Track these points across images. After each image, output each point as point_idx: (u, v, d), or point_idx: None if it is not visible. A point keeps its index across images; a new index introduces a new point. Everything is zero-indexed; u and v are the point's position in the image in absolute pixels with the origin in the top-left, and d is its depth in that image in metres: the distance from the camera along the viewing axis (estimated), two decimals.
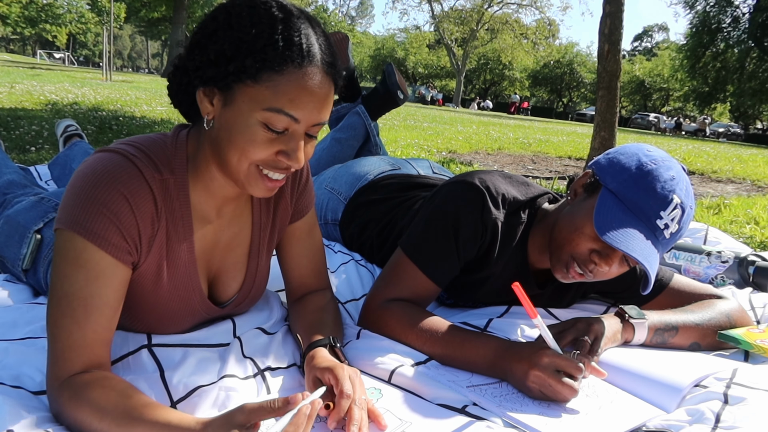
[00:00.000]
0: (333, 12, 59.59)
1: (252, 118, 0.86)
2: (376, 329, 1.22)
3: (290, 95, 0.85)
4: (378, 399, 1.00)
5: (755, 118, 39.20)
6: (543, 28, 38.76)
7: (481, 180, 1.27)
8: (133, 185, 0.89)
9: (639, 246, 1.07)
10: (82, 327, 0.86)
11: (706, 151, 10.26)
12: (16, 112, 5.18)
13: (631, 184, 1.11)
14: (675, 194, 1.09)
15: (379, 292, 1.27)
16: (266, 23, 0.84)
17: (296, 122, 0.87)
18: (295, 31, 0.85)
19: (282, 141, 0.89)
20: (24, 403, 0.88)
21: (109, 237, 0.87)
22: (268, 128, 0.86)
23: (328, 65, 0.89)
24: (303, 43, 0.85)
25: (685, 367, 1.12)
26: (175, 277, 1.00)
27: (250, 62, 0.83)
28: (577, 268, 1.17)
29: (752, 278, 1.76)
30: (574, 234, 1.15)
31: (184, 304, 1.04)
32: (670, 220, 1.09)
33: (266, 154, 0.89)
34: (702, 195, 4.39)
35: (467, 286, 1.38)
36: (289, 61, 0.84)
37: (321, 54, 0.87)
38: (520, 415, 0.96)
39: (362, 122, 2.38)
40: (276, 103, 0.85)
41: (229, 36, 0.84)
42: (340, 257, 1.68)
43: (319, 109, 0.89)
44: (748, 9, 27.97)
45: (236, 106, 0.87)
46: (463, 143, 7.07)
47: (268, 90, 0.84)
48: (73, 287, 0.86)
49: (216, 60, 0.85)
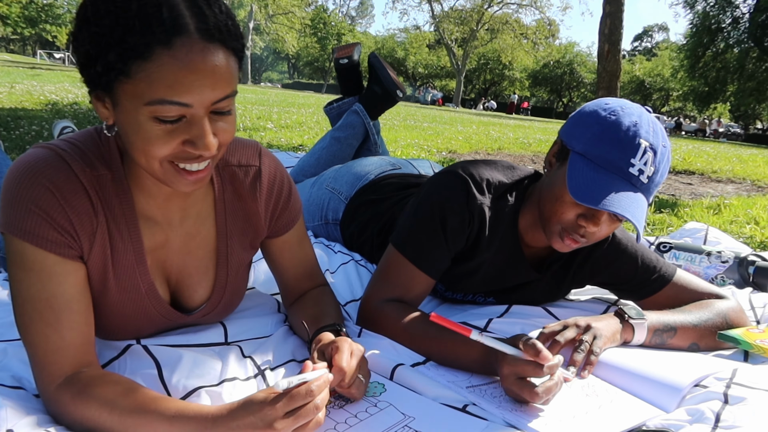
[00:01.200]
0: (333, 12, 59.61)
1: (140, 116, 0.77)
2: (374, 330, 1.22)
3: (167, 81, 0.74)
4: (381, 393, 1.01)
5: (755, 118, 39.20)
6: (543, 28, 38.77)
7: (463, 168, 1.28)
8: (59, 178, 0.84)
9: (617, 199, 1.07)
10: (57, 329, 0.85)
11: (706, 151, 10.26)
12: (16, 112, 5.18)
13: (595, 141, 1.11)
14: (641, 138, 1.09)
15: (374, 292, 1.27)
16: (120, 7, 0.72)
17: (188, 107, 0.77)
18: (152, 6, 0.73)
19: (182, 129, 0.79)
20: (24, 404, 0.88)
21: (43, 234, 0.83)
22: (160, 121, 0.77)
23: (208, 30, 0.76)
24: (164, 15, 0.73)
25: (685, 367, 1.12)
26: (123, 279, 0.95)
27: (114, 57, 0.73)
28: (570, 235, 1.17)
29: (752, 278, 1.76)
30: (556, 204, 1.16)
31: (138, 308, 0.99)
32: (643, 164, 1.10)
33: (170, 148, 0.79)
34: (702, 195, 4.39)
35: (462, 275, 1.38)
36: (154, 43, 0.73)
37: (194, 19, 0.75)
38: (519, 415, 0.96)
39: (361, 121, 2.38)
40: (155, 93, 0.74)
41: (88, 32, 0.75)
42: (339, 257, 1.68)
43: (211, 85, 0.77)
44: (748, 9, 27.98)
45: (122, 106, 0.78)
46: (463, 143, 7.06)
47: (143, 82, 0.74)
48: (30, 291, 0.84)
49: (85, 62, 0.77)
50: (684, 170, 6.03)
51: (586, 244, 1.20)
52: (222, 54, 0.77)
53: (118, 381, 0.85)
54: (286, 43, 38.45)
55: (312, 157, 2.35)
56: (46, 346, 0.85)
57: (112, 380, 0.85)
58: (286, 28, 38.98)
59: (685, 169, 6.10)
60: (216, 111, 0.80)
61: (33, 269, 0.84)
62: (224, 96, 0.79)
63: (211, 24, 0.76)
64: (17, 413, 0.84)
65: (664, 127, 1.15)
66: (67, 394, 0.84)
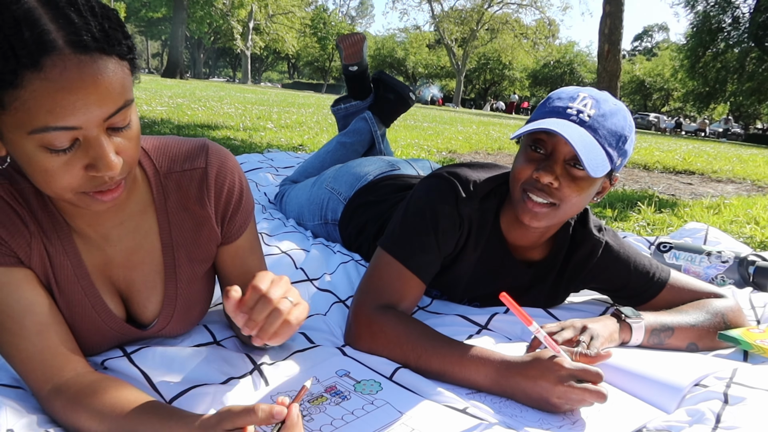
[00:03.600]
0: (333, 12, 59.61)
1: (27, 146, 0.69)
2: (366, 344, 1.15)
3: (46, 106, 0.65)
4: (378, 391, 1.00)
5: (755, 118, 39.20)
6: (543, 28, 38.80)
7: (450, 172, 1.29)
8: None
9: (552, 123, 1.10)
10: (23, 336, 0.84)
11: (706, 151, 10.26)
12: None
13: (539, 109, 1.20)
14: (581, 92, 1.15)
15: (365, 299, 1.20)
16: None
17: (77, 129, 0.69)
18: (9, 25, 0.63)
19: (80, 155, 0.71)
20: (24, 404, 0.88)
21: None
22: (52, 151, 0.69)
23: (81, 42, 0.66)
24: (26, 35, 0.63)
25: (685, 367, 1.12)
26: (67, 294, 0.92)
27: None
28: (530, 196, 1.15)
29: (752, 278, 1.76)
30: (514, 171, 1.20)
31: (90, 324, 0.95)
32: (582, 105, 1.12)
33: (72, 178, 0.72)
34: (702, 195, 4.39)
35: (452, 279, 1.38)
36: (21, 68, 0.63)
37: (61, 32, 0.65)
38: (520, 421, 0.96)
39: (368, 128, 2.38)
40: (36, 121, 0.66)
41: None
42: (339, 257, 1.68)
43: (97, 102, 0.68)
44: (748, 9, 27.99)
45: (6, 138, 0.70)
46: (463, 143, 7.06)
47: (20, 111, 0.66)
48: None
49: None
50: (684, 170, 6.02)
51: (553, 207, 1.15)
52: (103, 63, 0.68)
53: (107, 387, 0.83)
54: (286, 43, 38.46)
55: (316, 160, 2.35)
56: (20, 355, 0.84)
57: (101, 387, 0.83)
58: (286, 28, 39.00)
59: (685, 169, 6.10)
60: (112, 127, 0.73)
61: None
62: (116, 109, 0.71)
63: (83, 33, 0.66)
64: (17, 413, 0.84)
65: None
66: (58, 402, 0.83)
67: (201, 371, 1.02)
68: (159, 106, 7.51)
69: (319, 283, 1.51)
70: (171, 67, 26.70)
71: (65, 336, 0.89)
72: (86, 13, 0.68)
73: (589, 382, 0.95)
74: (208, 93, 12.82)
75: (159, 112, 6.66)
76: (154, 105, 7.71)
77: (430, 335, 1.12)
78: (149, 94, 9.86)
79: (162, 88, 13.34)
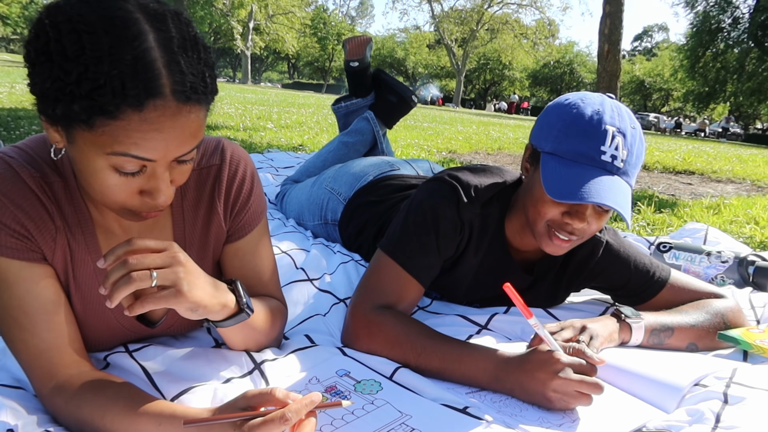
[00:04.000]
0: (333, 12, 59.61)
1: (97, 163, 0.73)
2: (364, 344, 1.15)
3: (133, 138, 0.70)
4: (378, 391, 1.00)
5: (755, 118, 39.21)
6: (543, 28, 38.81)
7: (451, 176, 1.28)
8: (5, 185, 0.82)
9: (596, 189, 1.06)
10: (34, 332, 0.84)
11: (706, 151, 10.26)
12: (16, 112, 5.18)
13: (561, 138, 1.11)
14: (606, 125, 1.08)
15: (363, 300, 1.20)
16: (90, 57, 0.66)
17: (151, 161, 0.74)
18: (126, 63, 0.67)
19: (140, 180, 0.76)
20: (24, 404, 0.88)
21: (1, 242, 0.82)
22: (119, 172, 0.74)
23: (184, 92, 0.71)
24: (140, 76, 0.68)
25: (685, 367, 1.12)
26: (84, 289, 0.93)
27: (78, 108, 0.68)
28: (558, 234, 1.16)
29: (752, 278, 1.76)
30: (539, 206, 1.16)
31: (100, 320, 0.97)
32: (615, 150, 1.08)
33: (126, 196, 0.77)
34: (702, 195, 4.39)
35: (452, 283, 1.38)
36: (125, 105, 0.68)
37: (170, 79, 0.70)
38: (519, 420, 0.96)
39: (371, 128, 2.37)
40: (119, 147, 0.71)
41: (49, 72, 0.68)
42: (339, 257, 1.68)
43: (178, 144, 0.74)
44: (748, 9, 27.98)
45: (78, 147, 0.74)
46: (463, 143, 7.06)
47: (106, 135, 0.70)
48: (2, 300, 0.84)
49: (42, 96, 0.71)
50: (684, 170, 6.02)
51: (580, 241, 1.19)
52: (194, 112, 0.74)
53: (110, 384, 0.85)
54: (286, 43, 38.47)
55: (318, 159, 2.35)
56: (27, 351, 0.85)
57: (103, 384, 0.84)
58: (286, 28, 39.00)
59: (685, 169, 6.10)
60: (178, 160, 0.78)
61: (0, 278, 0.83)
62: (190, 150, 0.77)
63: (188, 83, 0.71)
64: (17, 413, 0.84)
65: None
66: (60, 399, 0.83)
67: (202, 370, 1.01)
68: None
69: (319, 283, 1.51)
70: None
71: (74, 335, 0.90)
72: (194, 61, 0.72)
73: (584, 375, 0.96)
74: None
75: None
76: None
77: (429, 333, 1.12)
78: None
79: None
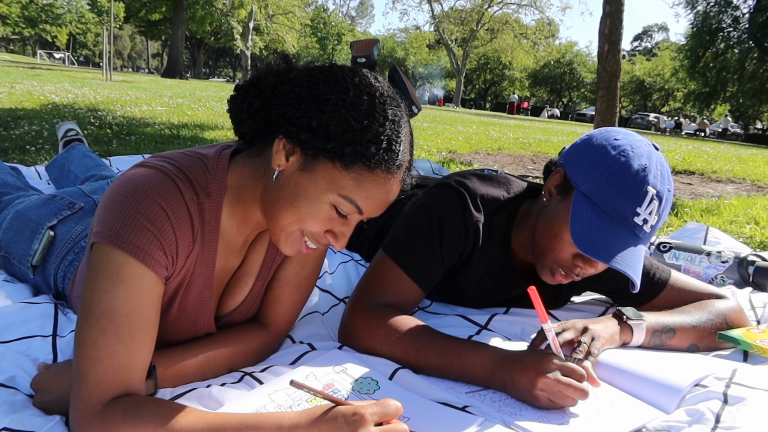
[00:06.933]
0: (333, 12, 59.59)
1: (325, 196, 0.86)
2: (362, 342, 1.14)
3: (368, 192, 0.86)
4: (375, 391, 1.00)
5: (755, 118, 39.20)
6: (543, 28, 38.78)
7: (459, 183, 1.27)
8: (173, 204, 0.86)
9: (621, 255, 1.06)
10: (128, 346, 0.80)
11: (706, 151, 10.26)
12: (16, 112, 5.18)
13: (602, 184, 1.08)
14: (649, 186, 1.06)
15: (362, 299, 1.19)
16: (378, 119, 0.84)
17: (360, 214, 0.89)
18: (398, 138, 0.86)
19: (338, 222, 0.90)
20: (16, 402, 0.89)
21: (151, 251, 0.83)
22: (336, 210, 0.87)
23: (408, 170, 0.92)
24: (400, 151, 0.87)
25: (685, 367, 1.12)
26: (188, 299, 0.97)
27: (350, 151, 0.82)
28: (562, 272, 1.17)
29: (752, 278, 1.76)
30: (555, 242, 1.15)
31: (191, 325, 1.01)
32: (648, 214, 1.07)
33: (319, 228, 0.89)
34: (702, 195, 4.39)
35: (455, 289, 1.38)
36: (383, 165, 0.85)
37: (406, 158, 0.89)
38: (519, 420, 0.95)
39: None
40: (354, 194, 0.86)
41: (339, 114, 0.83)
42: (339, 257, 1.68)
43: (384, 208, 0.91)
44: (748, 9, 27.97)
45: (314, 177, 0.86)
46: (463, 143, 7.06)
47: (353, 181, 0.85)
48: (113, 303, 0.80)
49: (316, 129, 0.83)
50: (684, 170, 6.02)
51: (575, 280, 1.20)
52: (401, 183, 0.92)
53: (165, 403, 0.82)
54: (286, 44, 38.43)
55: None
56: (110, 362, 0.79)
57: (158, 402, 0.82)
58: (286, 28, 38.95)
59: (685, 169, 6.10)
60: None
61: (126, 282, 0.81)
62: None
63: (405, 162, 0.90)
64: (9, 411, 0.85)
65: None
66: (118, 410, 0.78)
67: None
68: (159, 106, 7.51)
69: (319, 283, 1.51)
70: (171, 67, 26.66)
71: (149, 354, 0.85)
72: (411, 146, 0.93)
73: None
74: (208, 93, 12.82)
75: (159, 112, 6.65)
76: (154, 105, 7.70)
77: (428, 330, 1.12)
78: (149, 94, 9.86)
79: (162, 88, 13.33)
